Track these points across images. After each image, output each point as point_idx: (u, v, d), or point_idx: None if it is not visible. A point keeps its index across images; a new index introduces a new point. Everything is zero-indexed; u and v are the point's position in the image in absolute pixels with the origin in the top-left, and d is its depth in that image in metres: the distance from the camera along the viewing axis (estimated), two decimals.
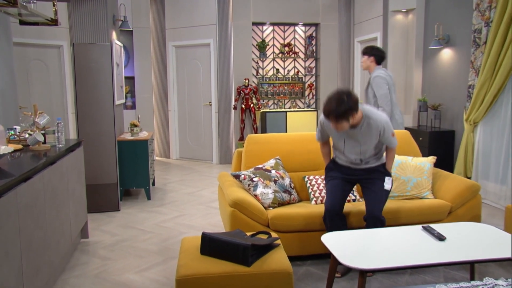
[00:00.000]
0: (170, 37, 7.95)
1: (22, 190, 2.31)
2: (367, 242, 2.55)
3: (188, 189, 5.98)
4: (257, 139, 3.95)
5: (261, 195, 3.40)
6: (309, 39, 8.05)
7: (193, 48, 7.85)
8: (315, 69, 8.20)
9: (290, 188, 3.60)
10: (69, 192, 3.36)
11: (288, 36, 8.07)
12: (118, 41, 5.53)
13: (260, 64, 8.03)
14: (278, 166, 3.68)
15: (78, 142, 3.78)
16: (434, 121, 5.88)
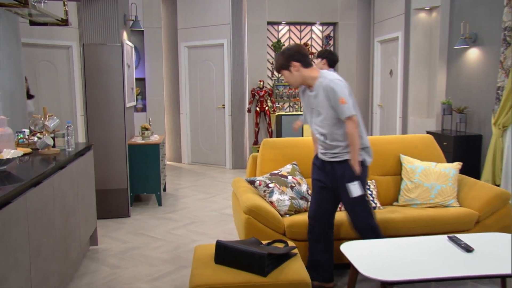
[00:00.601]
0: (182, 37, 8.00)
1: (32, 196, 2.34)
2: (389, 252, 2.52)
3: (200, 195, 6.00)
4: (273, 143, 3.94)
5: (277, 202, 3.39)
6: (327, 39, 8.04)
7: (206, 49, 7.89)
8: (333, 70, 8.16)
9: (308, 195, 3.58)
10: (79, 198, 3.39)
11: (304, 36, 8.06)
12: (129, 41, 5.59)
13: None
14: (295, 172, 3.67)
15: (88, 146, 3.82)
16: (459, 125, 5.80)
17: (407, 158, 3.82)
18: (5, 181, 2.37)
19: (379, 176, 3.85)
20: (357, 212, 2.93)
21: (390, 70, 7.38)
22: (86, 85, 4.71)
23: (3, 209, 1.98)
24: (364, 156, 2.97)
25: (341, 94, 2.84)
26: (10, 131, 3.00)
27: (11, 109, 3.83)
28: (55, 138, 3.42)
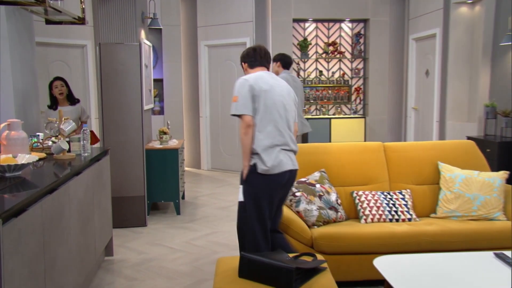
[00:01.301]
0: (202, 35, 8.06)
1: (48, 203, 2.39)
2: (427, 268, 2.48)
3: (221, 203, 6.01)
4: (300, 149, 3.88)
5: (304, 212, 3.38)
6: (357, 37, 7.99)
7: (227, 48, 7.93)
8: (363, 71, 8.11)
9: (337, 205, 3.56)
10: (95, 205, 3.44)
11: (333, 34, 8.03)
12: (147, 40, 5.66)
13: (301, 65, 8.02)
14: (323, 180, 3.65)
15: (104, 150, 3.87)
16: (505, 129, 5.68)
17: (446, 166, 3.76)
18: (20, 188, 2.43)
19: (415, 185, 3.81)
20: (238, 214, 3.20)
21: (426, 70, 7.29)
22: (102, 87, 4.78)
23: (19, 217, 2.02)
24: (255, 161, 3.00)
25: (236, 92, 3.02)
26: (24, 135, 3.08)
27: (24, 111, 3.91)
28: (71, 142, 3.48)
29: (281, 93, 3.10)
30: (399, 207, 3.55)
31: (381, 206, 3.54)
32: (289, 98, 3.17)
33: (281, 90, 3.12)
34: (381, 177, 3.81)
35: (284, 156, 3.03)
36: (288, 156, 3.07)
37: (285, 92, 3.15)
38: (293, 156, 3.13)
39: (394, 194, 3.64)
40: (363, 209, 3.56)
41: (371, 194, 3.64)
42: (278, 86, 3.13)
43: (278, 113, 3.03)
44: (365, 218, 3.52)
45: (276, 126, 3.02)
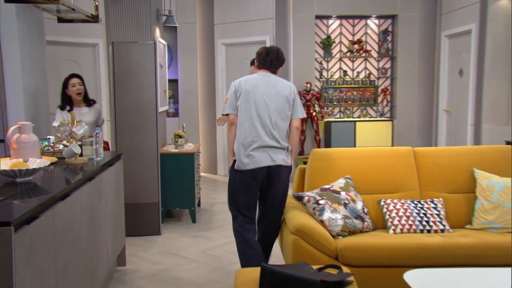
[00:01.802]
0: (219, 33, 8.10)
1: (60, 210, 2.42)
2: (462, 284, 2.44)
3: None
4: (323, 154, 3.93)
5: (329, 221, 3.37)
6: (384, 35, 7.95)
7: (246, 47, 7.96)
8: (391, 71, 8.06)
9: (363, 214, 3.54)
10: (107, 213, 3.48)
11: (358, 32, 8.00)
12: (161, 39, 5.70)
13: (324, 65, 8.00)
14: (349, 187, 3.64)
15: (118, 155, 3.91)
16: None
17: (483, 173, 3.71)
18: (31, 194, 2.47)
19: (448, 194, 3.76)
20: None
21: (460, 69, 7.20)
22: (115, 87, 4.83)
23: (31, 224, 2.05)
24: (235, 157, 3.54)
25: (227, 94, 3.62)
26: (35, 138, 3.13)
27: (34, 113, 3.97)
28: (83, 146, 3.52)
29: (267, 94, 3.51)
30: (431, 217, 3.51)
31: (411, 215, 3.51)
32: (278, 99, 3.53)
33: (268, 91, 3.52)
34: (411, 184, 3.78)
35: (260, 154, 3.46)
36: (266, 153, 3.48)
37: (273, 92, 3.53)
38: (274, 152, 3.50)
39: (425, 203, 3.60)
40: (391, 219, 3.53)
41: (400, 202, 3.61)
42: (267, 87, 3.54)
43: (257, 112, 3.47)
44: (393, 229, 3.49)
45: (253, 123, 3.46)
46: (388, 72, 8.05)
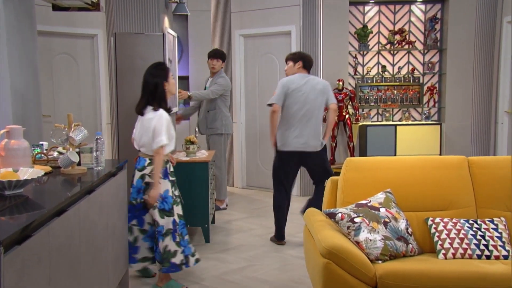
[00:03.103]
0: (236, 23, 8.13)
1: (55, 227, 2.44)
2: None
3: (259, 229, 6.02)
4: (359, 164, 3.93)
5: (366, 243, 3.35)
6: (431, 23, 7.91)
7: (267, 38, 7.97)
8: (439, 66, 8.01)
9: (407, 234, 3.52)
10: (109, 230, 3.50)
11: (400, 20, 7.97)
12: (171, 30, 5.74)
13: (359, 59, 7.98)
14: (390, 203, 3.62)
15: (121, 163, 3.93)
16: None
17: None
18: (22, 209, 2.49)
19: (511, 212, 3.71)
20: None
21: None
22: (117, 86, 4.87)
23: (23, 244, 2.07)
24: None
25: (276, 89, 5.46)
26: (26, 144, 3.16)
27: (24, 115, 4.01)
28: (81, 153, 3.56)
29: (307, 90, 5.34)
30: (491, 240, 3.46)
31: (465, 237, 3.46)
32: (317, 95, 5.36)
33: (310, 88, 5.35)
34: (465, 200, 3.75)
35: (294, 139, 5.34)
36: (301, 139, 5.35)
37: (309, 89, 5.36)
38: (307, 141, 5.36)
39: (483, 223, 3.56)
40: (441, 241, 3.49)
41: (451, 222, 3.57)
42: (305, 86, 5.36)
43: (298, 107, 5.31)
44: (444, 253, 3.45)
45: (294, 117, 5.33)
46: (435, 67, 8.01)
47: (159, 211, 4.04)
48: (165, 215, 4.06)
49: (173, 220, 4.09)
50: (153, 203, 4.00)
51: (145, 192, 4.03)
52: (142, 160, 4.11)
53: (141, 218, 4.14)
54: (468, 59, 7.76)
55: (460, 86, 7.78)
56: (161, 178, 4.05)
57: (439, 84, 8.03)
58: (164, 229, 4.05)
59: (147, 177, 4.04)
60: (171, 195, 4.13)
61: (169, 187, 4.13)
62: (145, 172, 4.06)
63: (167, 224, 4.06)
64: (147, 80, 4.08)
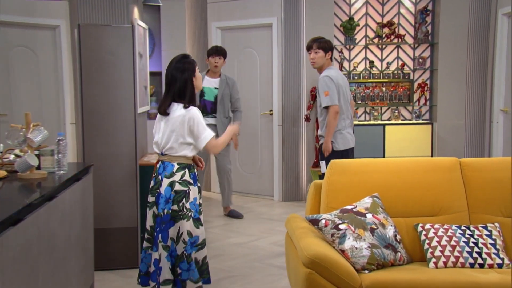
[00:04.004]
0: (213, 15, 8.11)
1: (10, 238, 2.40)
2: None
3: (238, 237, 6.01)
4: (344, 166, 3.94)
5: (351, 251, 3.36)
6: (422, 15, 7.94)
7: (247, 31, 7.96)
8: (430, 61, 8.05)
9: (395, 242, 3.53)
10: (72, 241, 3.46)
11: (389, 12, 8.00)
12: (141, 21, 5.70)
13: (345, 54, 7.99)
14: (377, 208, 3.63)
15: (86, 167, 3.90)
16: None
17: None
18: None
19: (506, 218, 3.75)
20: None
21: None
22: (82, 83, 4.82)
23: None
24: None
25: (325, 88, 5.49)
26: None
27: None
28: (41, 156, 3.51)
29: (345, 85, 5.64)
30: (484, 248, 3.48)
31: (457, 245, 3.48)
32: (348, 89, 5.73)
33: (344, 83, 5.65)
34: (457, 205, 3.77)
35: (350, 136, 5.60)
36: (352, 135, 5.67)
37: (345, 83, 5.66)
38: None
39: (476, 230, 3.58)
40: (432, 249, 3.51)
41: (442, 228, 3.59)
42: (343, 80, 5.64)
43: (344, 102, 5.53)
44: (435, 262, 3.47)
45: (343, 112, 5.52)
46: (426, 63, 8.04)
47: (194, 220, 3.86)
48: (199, 224, 3.90)
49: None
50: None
51: (175, 203, 3.81)
52: (169, 166, 3.88)
53: (166, 232, 3.82)
54: (462, 54, 7.80)
55: (453, 82, 7.81)
56: (191, 185, 3.88)
57: (430, 80, 8.07)
58: (199, 239, 3.88)
59: (177, 185, 3.82)
60: (198, 204, 3.96)
61: (197, 195, 3.95)
62: (175, 179, 3.83)
63: (202, 234, 3.91)
64: (175, 76, 3.91)
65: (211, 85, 6.71)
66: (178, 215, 3.78)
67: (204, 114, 6.39)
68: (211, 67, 6.69)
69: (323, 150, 5.50)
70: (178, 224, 3.80)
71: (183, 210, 3.79)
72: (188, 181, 3.85)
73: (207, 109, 6.68)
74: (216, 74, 6.73)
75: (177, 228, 3.80)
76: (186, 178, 3.85)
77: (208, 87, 6.69)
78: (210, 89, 6.70)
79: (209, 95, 6.70)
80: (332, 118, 5.36)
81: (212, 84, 6.71)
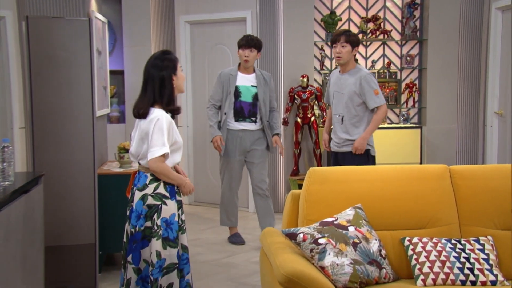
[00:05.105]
0: (181, 7, 8.10)
1: None
2: None
3: (210, 254, 6.00)
4: (324, 174, 3.93)
5: (332, 268, 3.36)
6: (410, 9, 8.00)
7: (218, 26, 7.95)
8: (419, 59, 8.11)
9: (380, 258, 3.54)
10: (18, 260, 3.40)
11: (374, 5, 8.05)
12: (99, 14, 5.65)
13: (327, 51, 8.02)
14: (360, 220, 3.63)
15: (36, 177, 3.84)
16: None
17: None
18: None
19: (500, 231, 3.77)
20: None
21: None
22: (32, 82, 4.77)
23: None
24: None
25: (374, 86, 5.53)
26: None
27: None
28: None
29: None
30: (476, 263, 3.50)
31: (447, 260, 3.49)
32: None
33: None
34: (447, 217, 3.78)
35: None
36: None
37: None
38: None
39: (468, 243, 3.60)
40: (420, 265, 3.52)
41: (431, 242, 3.60)
42: None
43: None
44: (423, 279, 3.47)
45: None
46: (415, 61, 8.11)
47: (163, 239, 3.69)
48: (168, 245, 3.70)
49: (177, 252, 3.76)
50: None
51: (147, 219, 3.67)
52: (142, 177, 3.76)
53: (138, 252, 3.70)
54: (453, 51, 7.87)
55: (443, 83, 7.87)
56: (167, 199, 3.73)
57: (419, 80, 8.12)
58: (165, 263, 3.69)
59: (150, 198, 3.69)
60: (177, 220, 3.79)
61: (175, 210, 3.78)
62: (147, 192, 3.70)
63: (169, 256, 3.71)
64: (151, 74, 3.77)
65: (247, 83, 6.20)
66: (151, 233, 3.68)
67: (240, 119, 6.13)
68: (241, 61, 6.20)
69: (357, 150, 5.50)
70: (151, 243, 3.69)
71: (154, 227, 3.68)
72: (162, 195, 3.72)
73: (244, 112, 6.16)
74: (249, 70, 6.22)
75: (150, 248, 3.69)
76: (160, 191, 3.72)
77: (243, 85, 6.19)
78: (246, 88, 6.19)
79: (246, 95, 6.16)
80: (382, 117, 5.58)
81: (248, 82, 6.21)
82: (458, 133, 8.02)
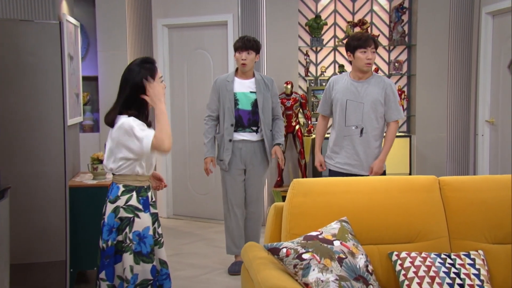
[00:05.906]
0: (159, 10, 8.10)
1: None
2: None
3: (188, 270, 5.99)
4: (308, 186, 3.92)
5: (317, 285, 3.33)
6: (398, 13, 8.04)
7: (198, 30, 7.96)
8: (408, 65, 8.14)
9: (367, 273, 3.52)
10: None
11: (360, 9, 8.09)
12: (71, 17, 5.62)
13: (312, 57, 8.04)
14: (346, 234, 3.63)
15: (1, 190, 3.82)
16: None
17: None
18: None
19: (491, 245, 3.78)
20: None
21: (511, 61, 7.26)
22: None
23: None
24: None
25: (397, 96, 5.39)
26: None
27: None
28: None
29: None
30: (467, 279, 3.50)
31: (437, 276, 3.49)
32: None
33: None
34: (436, 230, 3.78)
35: None
36: None
37: None
38: None
39: (458, 258, 3.60)
40: (408, 281, 3.52)
41: (420, 257, 3.61)
42: None
43: None
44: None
45: None
46: (403, 67, 8.14)
47: (135, 254, 3.63)
48: (141, 260, 3.65)
49: (153, 267, 3.70)
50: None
51: (120, 232, 3.63)
52: (115, 188, 3.72)
53: (111, 268, 3.65)
54: (442, 57, 7.92)
55: (433, 90, 7.91)
56: (140, 211, 3.68)
57: (408, 87, 8.15)
58: (139, 278, 3.63)
59: (121, 211, 3.64)
60: (152, 234, 3.73)
61: (149, 224, 3.72)
62: (119, 204, 3.66)
63: (144, 272, 3.65)
64: (125, 80, 3.74)
65: (245, 89, 5.86)
66: (123, 247, 3.65)
67: (239, 129, 5.80)
68: (238, 65, 5.87)
69: (377, 174, 5.34)
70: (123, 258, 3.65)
71: (126, 241, 3.64)
72: (134, 207, 3.67)
73: (243, 121, 5.83)
74: (248, 74, 5.87)
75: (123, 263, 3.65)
76: (133, 203, 3.68)
77: (241, 92, 5.86)
78: (244, 95, 5.84)
79: (244, 103, 5.82)
80: (396, 133, 5.46)
81: (246, 88, 5.87)
82: (449, 142, 8.06)
